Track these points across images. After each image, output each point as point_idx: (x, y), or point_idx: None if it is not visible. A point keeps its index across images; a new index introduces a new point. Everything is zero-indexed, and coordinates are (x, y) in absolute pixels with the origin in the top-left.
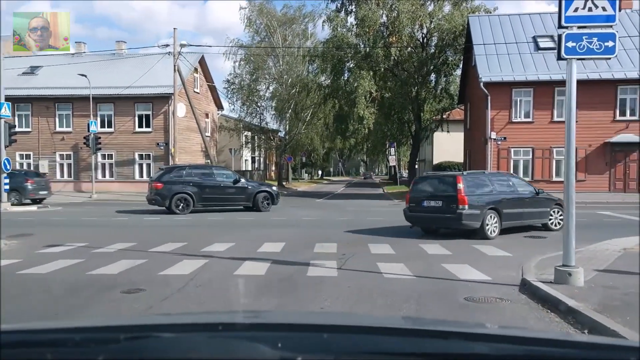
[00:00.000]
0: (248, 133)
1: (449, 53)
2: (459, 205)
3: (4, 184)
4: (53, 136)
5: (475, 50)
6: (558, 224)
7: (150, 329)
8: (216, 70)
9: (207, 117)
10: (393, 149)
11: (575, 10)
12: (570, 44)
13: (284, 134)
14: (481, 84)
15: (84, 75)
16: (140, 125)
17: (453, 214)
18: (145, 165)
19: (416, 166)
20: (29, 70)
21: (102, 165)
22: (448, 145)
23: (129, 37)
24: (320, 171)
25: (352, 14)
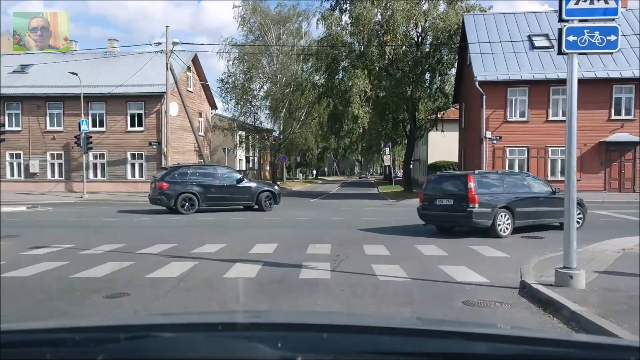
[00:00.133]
0: (242, 132)
1: (444, 52)
2: (469, 204)
3: None
4: (44, 135)
5: (470, 49)
6: (576, 223)
7: (149, 328)
8: (210, 69)
9: (201, 116)
10: (388, 148)
11: (577, 2)
12: (571, 38)
13: (278, 134)
14: (476, 83)
15: (75, 74)
16: (132, 125)
17: (464, 212)
18: (137, 164)
19: (411, 166)
20: (20, 69)
21: (94, 164)
22: (443, 145)
23: (123, 37)
24: (315, 171)
25: (347, 12)
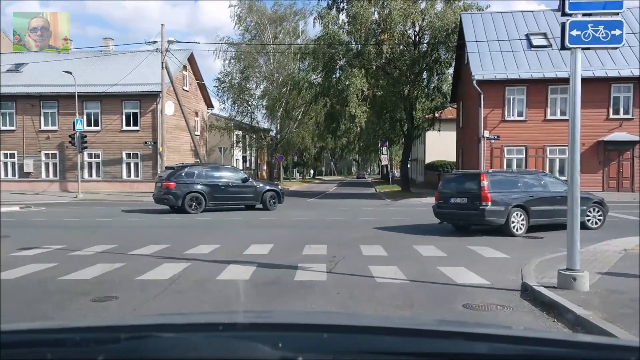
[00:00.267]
0: (239, 132)
1: (442, 51)
2: (482, 202)
3: None
4: (38, 135)
5: (468, 48)
6: (596, 223)
7: (150, 328)
8: (206, 69)
9: (197, 116)
10: (385, 148)
11: None
12: (574, 33)
13: (275, 133)
14: (474, 82)
15: (69, 73)
16: (127, 124)
17: (477, 211)
18: (132, 164)
19: (408, 165)
20: (13, 68)
21: (89, 164)
22: (440, 144)
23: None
24: (312, 171)
25: (344, 11)
